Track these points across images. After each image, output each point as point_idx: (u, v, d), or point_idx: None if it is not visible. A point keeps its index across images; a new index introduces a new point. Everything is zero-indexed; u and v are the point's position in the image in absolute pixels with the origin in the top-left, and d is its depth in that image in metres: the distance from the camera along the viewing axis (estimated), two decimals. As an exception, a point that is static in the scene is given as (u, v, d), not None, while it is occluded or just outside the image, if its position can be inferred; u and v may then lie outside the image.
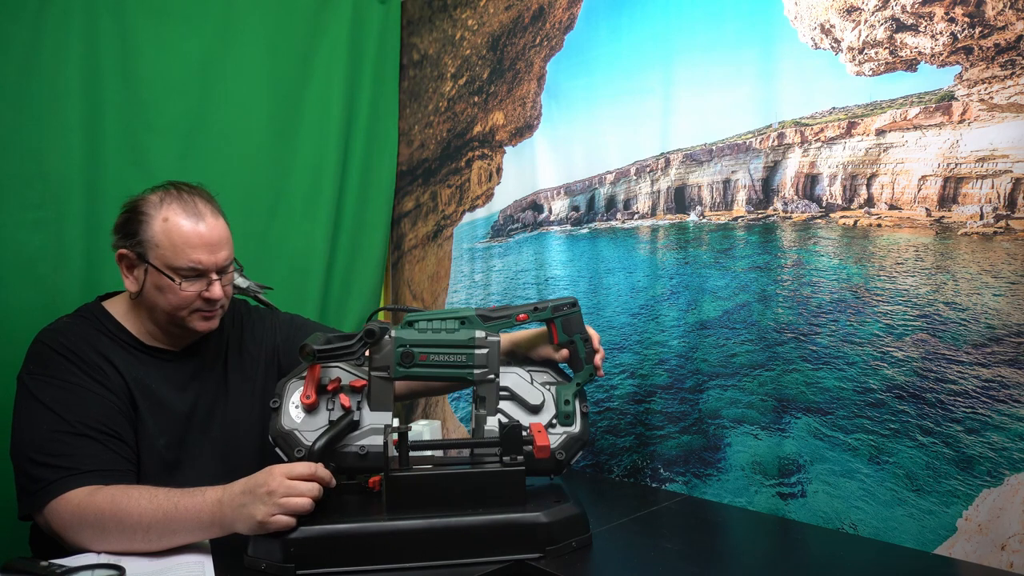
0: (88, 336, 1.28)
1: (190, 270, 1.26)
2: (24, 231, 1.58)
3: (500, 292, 2.09)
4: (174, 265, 1.25)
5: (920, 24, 1.28)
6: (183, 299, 1.27)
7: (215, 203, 1.33)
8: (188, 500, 1.10)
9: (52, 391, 1.21)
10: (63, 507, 1.13)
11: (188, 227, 1.26)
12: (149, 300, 1.29)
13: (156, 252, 1.25)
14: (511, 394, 1.30)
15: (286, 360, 1.48)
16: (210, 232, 1.28)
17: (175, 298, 1.27)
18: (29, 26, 1.59)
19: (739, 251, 1.56)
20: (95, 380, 1.24)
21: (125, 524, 1.10)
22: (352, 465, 1.19)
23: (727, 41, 1.56)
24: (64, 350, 1.25)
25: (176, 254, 1.25)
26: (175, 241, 1.25)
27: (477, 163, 2.15)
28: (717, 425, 1.56)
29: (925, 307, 1.28)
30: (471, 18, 2.13)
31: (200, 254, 1.26)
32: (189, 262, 1.25)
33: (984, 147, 1.22)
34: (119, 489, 1.13)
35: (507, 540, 1.13)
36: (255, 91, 1.98)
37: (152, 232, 1.25)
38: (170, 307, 1.28)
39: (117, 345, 1.30)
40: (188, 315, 1.29)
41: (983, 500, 1.19)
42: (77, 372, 1.23)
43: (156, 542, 1.11)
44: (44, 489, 1.14)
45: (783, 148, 1.50)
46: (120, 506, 1.10)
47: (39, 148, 1.60)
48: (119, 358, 1.28)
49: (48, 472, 1.15)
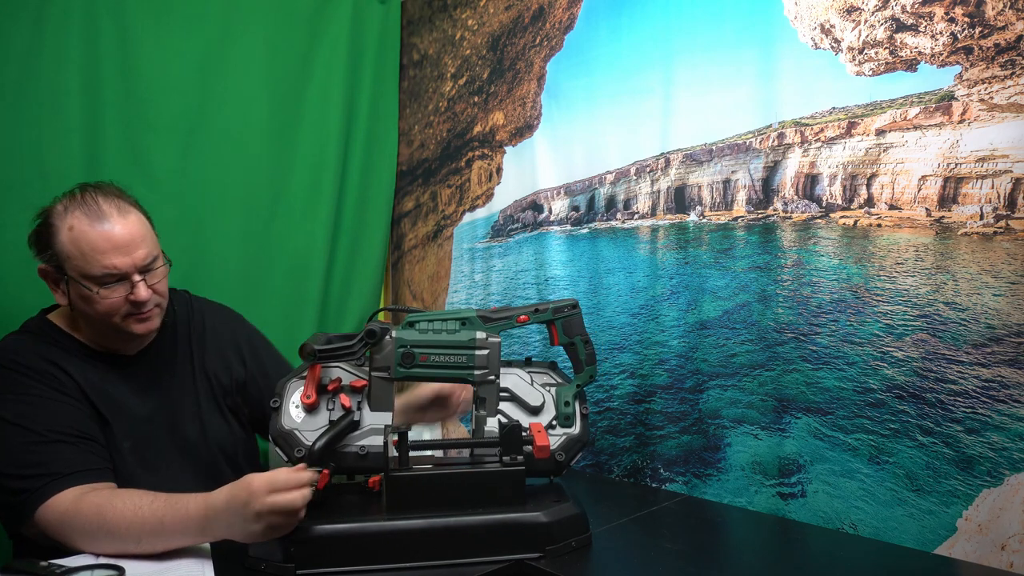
0: (38, 349, 1.25)
1: (107, 276, 1.19)
2: (24, 231, 1.57)
3: (500, 292, 2.09)
4: (89, 274, 1.19)
5: (920, 24, 1.28)
6: (108, 307, 1.21)
7: (126, 199, 1.26)
8: (172, 515, 1.08)
9: (13, 407, 1.18)
10: (50, 514, 1.11)
11: (94, 233, 1.19)
12: (80, 311, 1.25)
13: (70, 264, 1.20)
14: (511, 395, 1.30)
15: (253, 384, 1.44)
16: (120, 233, 1.20)
17: (100, 307, 1.21)
18: (29, 26, 1.59)
19: (739, 251, 1.56)
20: (53, 389, 1.21)
21: (114, 534, 1.08)
22: (352, 465, 1.19)
23: (727, 41, 1.56)
24: (16, 365, 1.21)
25: (88, 263, 1.19)
26: (83, 249, 1.18)
27: (477, 163, 2.15)
28: (717, 425, 1.56)
29: (925, 307, 1.28)
30: (471, 18, 2.13)
31: (112, 258, 1.19)
32: (103, 268, 1.19)
33: (984, 147, 1.22)
34: (104, 498, 1.11)
35: (507, 540, 1.13)
36: (255, 91, 1.98)
37: (61, 243, 1.20)
38: (99, 316, 1.22)
39: (69, 354, 1.26)
40: (121, 320, 1.24)
41: (983, 500, 1.19)
42: (34, 384, 1.20)
43: (150, 548, 1.09)
44: (27, 500, 1.11)
45: (783, 148, 1.50)
46: (106, 518, 1.08)
47: (39, 148, 1.60)
48: (72, 366, 1.25)
49: (28, 483, 1.12)
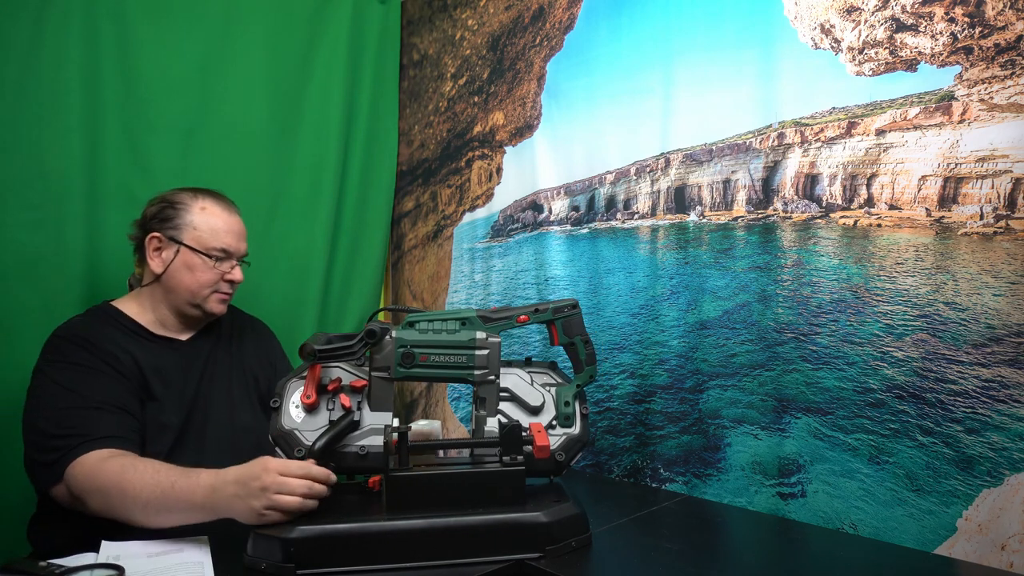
0: (102, 329, 1.38)
1: (222, 251, 1.43)
2: (24, 231, 1.58)
3: (500, 292, 2.09)
4: (209, 245, 1.42)
5: (920, 24, 1.28)
6: (211, 277, 1.43)
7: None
8: (184, 481, 1.14)
9: (69, 373, 1.29)
10: (79, 470, 1.19)
11: (224, 215, 1.45)
12: (173, 280, 1.42)
13: (193, 234, 1.42)
14: (511, 395, 1.30)
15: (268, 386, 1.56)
16: (239, 224, 1.48)
17: (203, 276, 1.42)
18: (29, 26, 1.59)
19: (739, 251, 1.56)
20: (108, 364, 1.33)
21: (127, 494, 1.14)
22: (352, 465, 1.19)
23: (727, 41, 1.56)
24: (79, 340, 1.34)
25: (212, 236, 1.43)
26: (213, 225, 1.43)
27: (477, 163, 2.15)
28: (717, 425, 1.56)
29: (925, 307, 1.28)
30: (471, 18, 2.13)
31: (231, 239, 1.45)
32: (222, 244, 1.43)
33: (984, 147, 1.22)
34: (129, 461, 1.19)
35: (507, 540, 1.13)
36: (255, 91, 1.98)
37: (191, 217, 1.42)
38: (196, 285, 1.42)
39: (129, 336, 1.40)
40: (208, 295, 1.44)
41: (983, 500, 1.19)
42: (92, 357, 1.32)
43: (153, 518, 1.14)
44: (63, 457, 1.20)
45: (783, 148, 1.50)
46: (126, 477, 1.15)
47: (39, 148, 1.60)
48: (132, 344, 1.38)
49: (65, 441, 1.22)
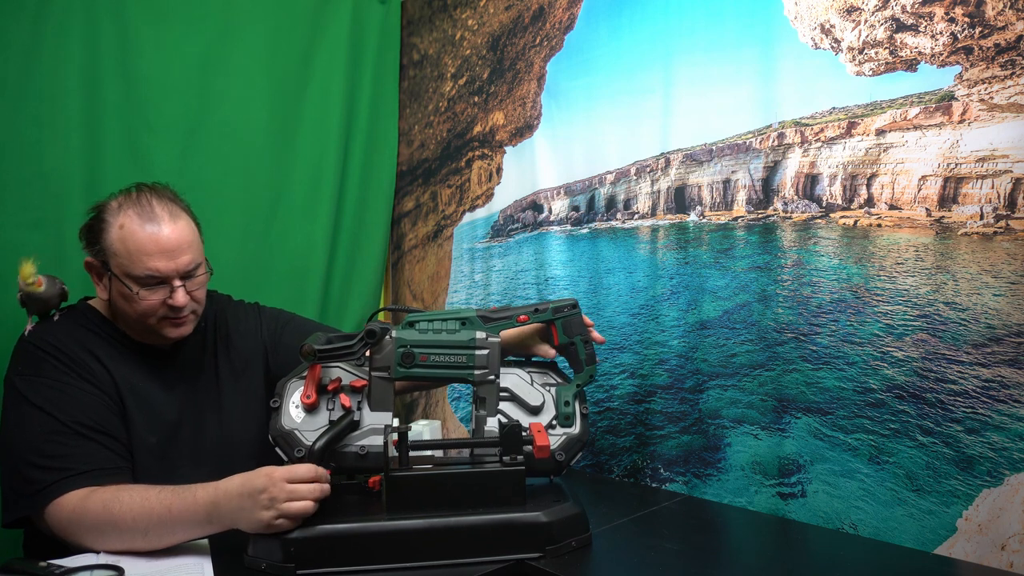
0: (75, 333, 1.27)
1: (149, 278, 1.22)
2: (24, 231, 1.58)
3: (500, 292, 2.09)
4: (132, 274, 1.21)
5: (920, 24, 1.28)
6: (146, 308, 1.24)
7: (179, 204, 1.29)
8: (180, 503, 1.10)
9: (44, 392, 1.19)
10: (59, 511, 1.12)
11: (143, 234, 1.21)
12: (117, 309, 1.28)
13: (115, 260, 1.22)
14: (511, 395, 1.30)
15: (274, 358, 1.46)
16: (168, 237, 1.22)
17: (139, 306, 1.23)
18: (29, 26, 1.59)
19: (739, 251, 1.56)
20: (84, 379, 1.23)
21: (122, 529, 1.10)
22: (352, 465, 1.19)
23: (727, 41, 1.56)
24: (52, 349, 1.23)
25: (132, 262, 1.21)
26: (130, 249, 1.21)
27: (477, 163, 2.15)
28: (717, 425, 1.56)
29: (925, 307, 1.28)
30: (471, 18, 2.13)
31: (157, 261, 1.21)
32: (146, 270, 1.21)
33: (984, 147, 1.22)
34: (111, 493, 1.12)
35: (507, 540, 1.13)
36: (255, 91, 1.98)
37: (110, 240, 1.22)
38: (135, 315, 1.25)
39: (105, 341, 1.29)
40: (156, 323, 1.26)
41: (983, 500, 1.19)
42: (67, 371, 1.22)
43: (157, 542, 1.11)
44: (41, 492, 1.13)
45: (783, 148, 1.50)
46: (113, 512, 1.10)
47: (39, 148, 1.60)
48: (107, 354, 1.27)
49: (44, 474, 1.14)
